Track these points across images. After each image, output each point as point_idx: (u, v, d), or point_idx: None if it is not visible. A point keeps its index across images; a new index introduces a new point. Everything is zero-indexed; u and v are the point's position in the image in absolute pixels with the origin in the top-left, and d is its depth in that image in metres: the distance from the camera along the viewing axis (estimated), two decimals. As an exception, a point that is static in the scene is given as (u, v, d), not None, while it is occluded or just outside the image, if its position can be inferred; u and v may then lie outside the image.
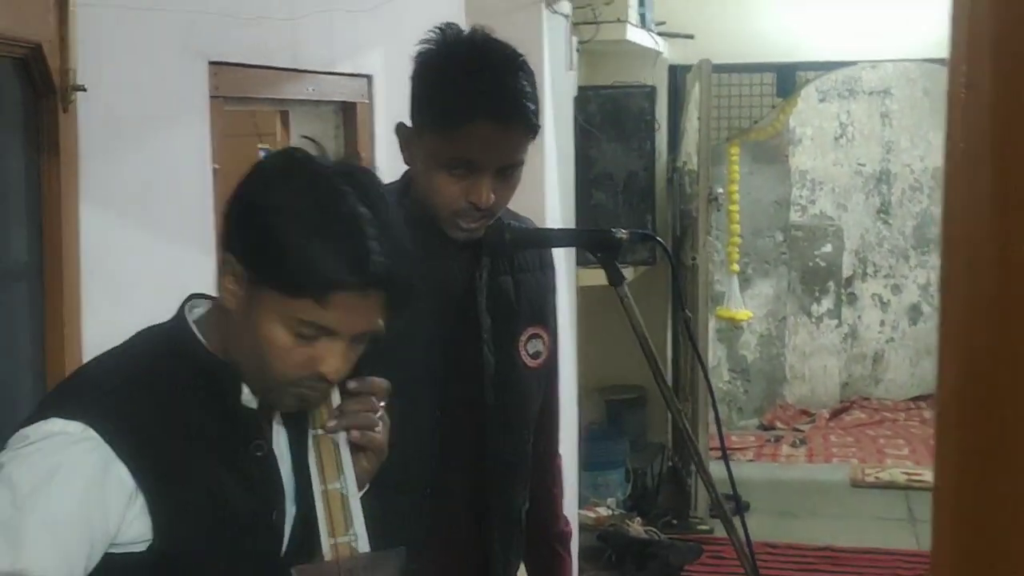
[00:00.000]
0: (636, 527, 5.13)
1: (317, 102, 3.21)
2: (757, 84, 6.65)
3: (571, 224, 4.70)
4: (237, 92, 2.71)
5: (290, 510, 1.55)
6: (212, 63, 2.55)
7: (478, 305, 2.00)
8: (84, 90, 1.94)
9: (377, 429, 1.55)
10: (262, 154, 4.23)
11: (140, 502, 1.38)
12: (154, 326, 1.50)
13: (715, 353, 8.01)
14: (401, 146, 1.97)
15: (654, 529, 5.21)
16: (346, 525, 1.52)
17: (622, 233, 1.93)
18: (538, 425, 2.13)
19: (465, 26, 4.17)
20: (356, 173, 1.46)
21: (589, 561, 4.92)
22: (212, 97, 2.55)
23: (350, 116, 3.29)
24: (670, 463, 6.10)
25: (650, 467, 6.01)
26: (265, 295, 1.40)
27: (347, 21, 3.23)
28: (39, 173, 1.89)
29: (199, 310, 1.51)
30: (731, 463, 2.12)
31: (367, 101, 3.38)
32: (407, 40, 2.04)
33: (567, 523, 2.34)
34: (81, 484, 1.35)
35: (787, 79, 6.76)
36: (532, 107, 1.93)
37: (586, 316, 5.26)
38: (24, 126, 1.89)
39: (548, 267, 2.15)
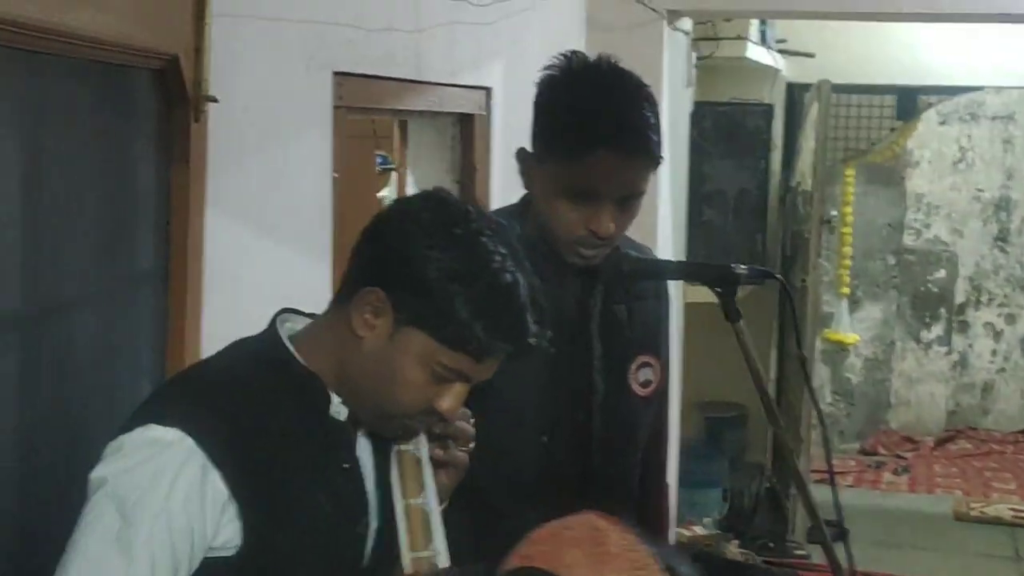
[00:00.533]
0: (732, 548, 5.08)
1: (436, 113, 3.23)
2: (877, 106, 6.54)
3: (681, 241, 4.68)
4: (360, 103, 2.75)
5: (372, 523, 1.57)
6: (337, 74, 2.59)
7: (590, 331, 2.01)
8: (216, 101, 1.97)
9: (466, 447, 1.61)
10: (379, 159, 4.29)
11: (232, 508, 1.41)
12: (247, 338, 1.54)
13: (819, 375, 7.88)
14: (521, 171, 1.98)
15: (750, 552, 5.14)
16: (426, 540, 1.55)
17: (741, 269, 1.92)
18: (645, 455, 2.12)
19: (585, 42, 4.19)
20: (502, 232, 1.51)
21: (683, 581, 4.87)
22: (336, 107, 2.59)
23: (467, 128, 3.32)
24: (768, 484, 6.02)
25: (748, 487, 5.94)
26: (414, 336, 1.45)
27: (469, 34, 3.25)
28: (169, 181, 1.93)
29: (290, 324, 1.55)
30: (828, 488, 2.10)
31: (485, 113, 3.40)
32: (527, 54, 2.07)
33: None
34: (183, 491, 1.38)
35: (908, 102, 6.64)
36: (656, 139, 1.93)
37: (690, 332, 5.23)
38: (157, 135, 1.92)
39: (663, 296, 2.15)
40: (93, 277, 1.85)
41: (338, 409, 1.51)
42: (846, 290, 6.63)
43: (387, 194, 4.06)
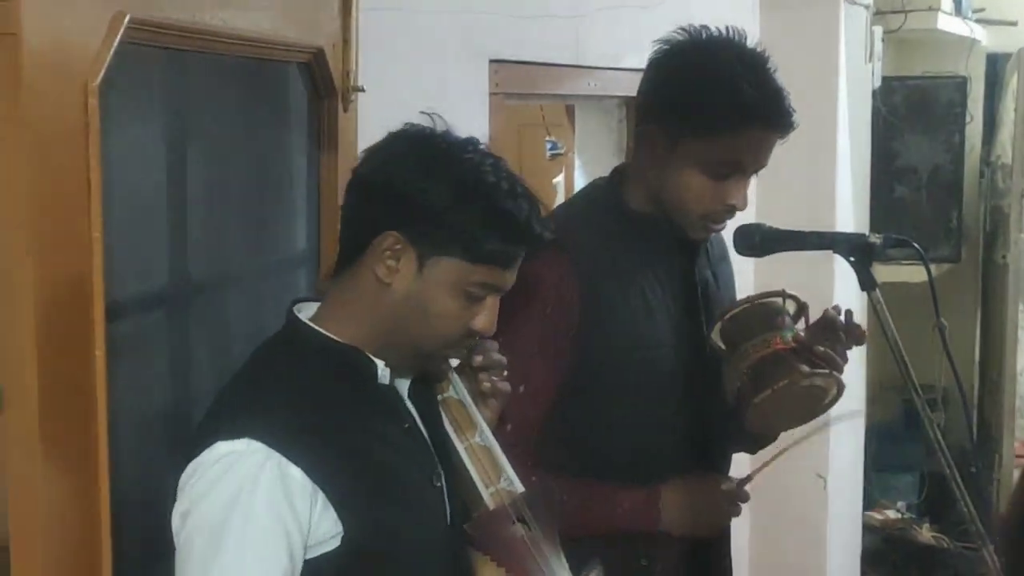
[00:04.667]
0: (925, 533, 4.93)
1: (601, 97, 3.26)
2: (1088, 73, 6.21)
3: (864, 218, 4.56)
4: (518, 89, 2.79)
5: (443, 475, 1.58)
6: (493, 61, 2.64)
7: (698, 298, 2.05)
8: (363, 91, 2.04)
9: (503, 374, 1.65)
10: (548, 145, 4.34)
11: (321, 498, 1.40)
12: (270, 339, 1.55)
13: (1032, 356, 7.53)
14: (642, 146, 1.99)
15: (944, 537, 4.98)
16: (496, 473, 1.59)
17: (875, 238, 1.90)
18: None
19: (759, 20, 4.14)
20: (473, 141, 1.55)
21: (872, 565, 4.77)
22: (492, 94, 2.64)
23: (632, 110, 3.33)
24: (973, 469, 5.80)
25: (949, 470, 5.73)
26: (443, 264, 1.47)
27: (633, 16, 3.25)
28: (319, 168, 2.02)
29: (307, 311, 1.55)
30: None
31: (650, 95, 3.40)
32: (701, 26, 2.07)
33: None
34: (266, 497, 1.37)
35: (1121, 67, 6.27)
36: (794, 111, 1.92)
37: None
38: (308, 124, 2.01)
39: (728, 258, 2.19)
40: (249, 259, 1.96)
41: (384, 373, 1.52)
42: (1053, 266, 6.31)
43: (560, 180, 4.11)
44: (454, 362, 1.64)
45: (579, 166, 3.57)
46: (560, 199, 3.95)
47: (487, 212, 1.46)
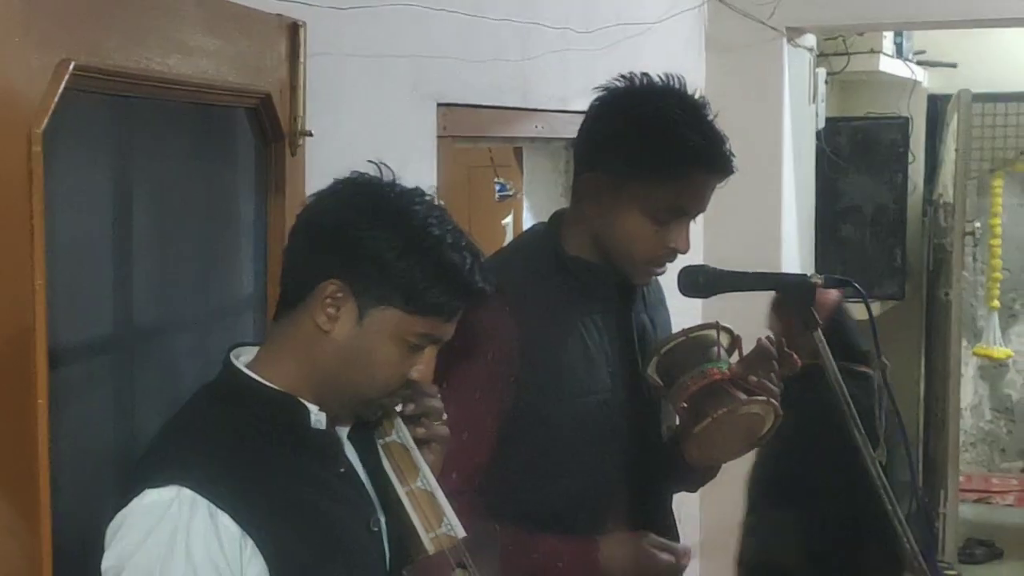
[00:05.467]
0: (874, 568, 4.94)
1: (548, 139, 3.28)
2: (1024, 114, 6.35)
3: (809, 257, 4.62)
4: (466, 131, 2.81)
5: (381, 520, 1.58)
6: (441, 104, 2.65)
7: (634, 340, 2.06)
8: (311, 135, 2.04)
9: (442, 419, 1.64)
10: (497, 187, 4.36)
11: (250, 544, 1.39)
12: (206, 385, 1.55)
13: (976, 391, 7.61)
14: (586, 195, 1.98)
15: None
16: (438, 518, 1.58)
17: (817, 278, 1.92)
18: None
19: (705, 63, 4.19)
20: (419, 193, 1.56)
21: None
22: (440, 137, 2.66)
23: (578, 153, 3.35)
24: (916, 505, 5.84)
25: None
26: (385, 314, 1.47)
27: (581, 60, 3.28)
28: (267, 212, 2.01)
29: (245, 357, 1.55)
30: (989, 507, 2.07)
31: (598, 138, 3.42)
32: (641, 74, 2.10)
33: None
34: (201, 543, 1.36)
35: (1057, 108, 6.41)
36: (734, 155, 1.95)
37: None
38: (256, 169, 2.00)
39: (665, 303, 2.21)
40: (196, 303, 1.94)
41: (318, 418, 1.51)
42: (996, 303, 6.42)
43: (510, 221, 4.12)
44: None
45: (528, 207, 3.58)
46: (509, 239, 3.96)
47: (432, 265, 1.47)
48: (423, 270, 1.46)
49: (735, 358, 1.99)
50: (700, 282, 1.98)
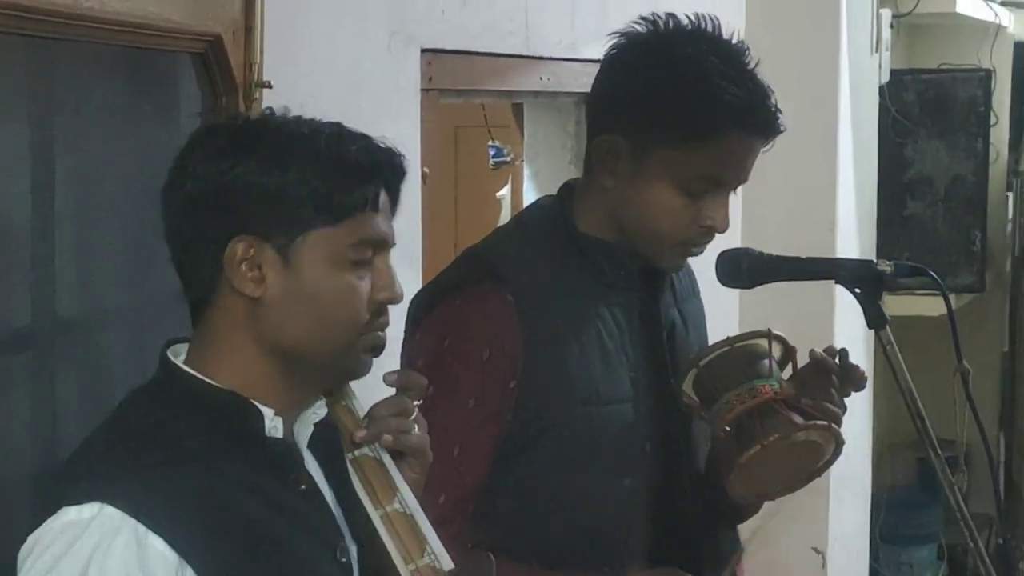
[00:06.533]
0: (945, 618, 4.99)
1: (555, 93, 3.28)
2: None
3: (870, 240, 4.63)
4: (456, 84, 2.82)
5: (351, 548, 1.58)
6: (425, 50, 2.66)
7: (663, 340, 2.08)
8: (269, 86, 2.05)
9: (414, 431, 1.62)
10: (492, 151, 4.37)
11: (189, 574, 1.39)
12: (139, 387, 1.56)
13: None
14: (599, 159, 2.00)
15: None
16: (420, 546, 1.57)
17: (885, 265, 1.94)
18: None
19: (746, 6, 4.19)
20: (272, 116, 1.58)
21: (883, 656, 4.82)
22: (424, 90, 2.66)
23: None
24: (1000, 540, 5.88)
25: (973, 543, 5.81)
26: (310, 242, 1.50)
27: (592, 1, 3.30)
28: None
29: (184, 355, 1.56)
30: None
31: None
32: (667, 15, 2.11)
33: None
34: (120, 571, 1.36)
35: None
36: (781, 112, 1.96)
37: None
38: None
39: (699, 294, 2.23)
40: (130, 290, 1.95)
41: (274, 424, 1.51)
42: (1096, 298, 6.43)
43: (506, 193, 4.12)
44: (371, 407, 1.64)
45: (529, 177, 3.59)
46: (506, 216, 3.96)
47: (320, 165, 1.50)
48: (314, 176, 1.49)
49: (788, 373, 2.01)
50: (744, 270, 1.99)
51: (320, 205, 1.49)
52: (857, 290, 1.94)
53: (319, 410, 1.60)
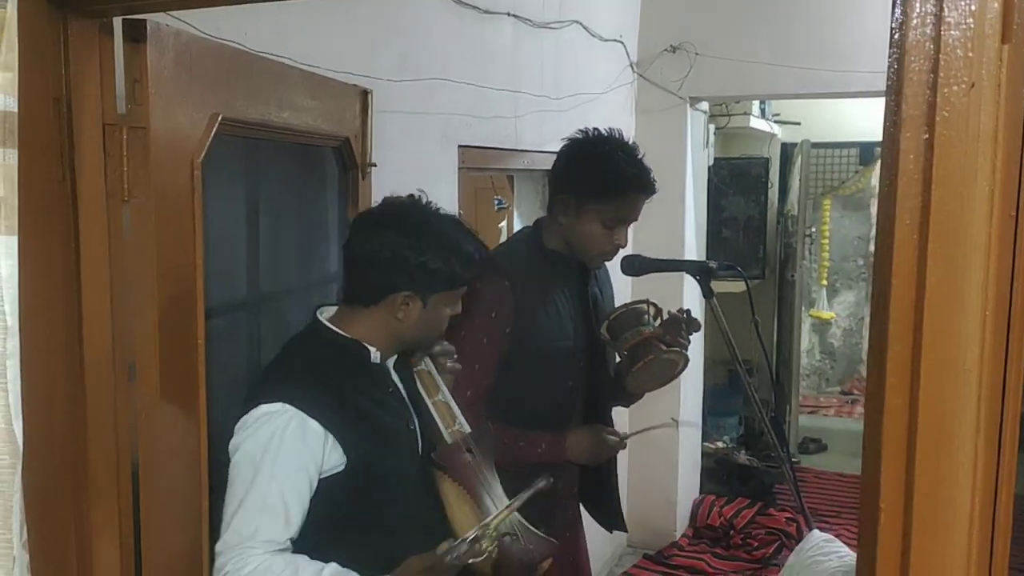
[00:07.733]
0: (742, 457, 4.99)
1: (531, 170, 3.27)
2: (846, 156, 6.38)
3: (702, 251, 4.62)
4: (476, 165, 2.79)
5: (415, 421, 1.58)
6: (461, 146, 2.64)
7: (590, 307, 2.04)
8: (375, 166, 2.04)
9: (453, 358, 1.65)
10: (496, 202, 4.34)
11: (331, 440, 1.40)
12: (298, 332, 1.54)
13: (810, 339, 7.65)
14: (557, 209, 1.97)
15: (755, 459, 5.05)
16: (453, 419, 1.58)
17: (713, 263, 1.93)
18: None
19: (635, 121, 4.14)
20: (426, 205, 1.54)
21: (708, 479, 4.82)
22: (460, 169, 2.64)
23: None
24: (772, 414, 5.88)
25: (760, 415, 5.80)
26: (436, 297, 1.50)
27: (552, 117, 3.27)
28: (346, 218, 2.00)
29: (327, 313, 1.54)
30: (817, 417, 2.07)
31: (564, 169, 3.41)
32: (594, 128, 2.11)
33: None
34: (291, 441, 1.37)
35: (868, 152, 6.43)
36: (656, 180, 1.94)
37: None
38: (339, 190, 2.00)
39: (610, 280, 2.18)
40: (300, 278, 1.95)
41: (375, 356, 1.51)
42: (824, 282, 6.44)
43: (503, 225, 4.10)
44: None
45: (516, 216, 3.57)
46: (503, 238, 3.95)
47: (459, 258, 1.49)
48: (455, 263, 1.48)
49: (658, 323, 2.00)
50: (636, 266, 1.99)
51: (451, 280, 1.49)
52: (697, 277, 1.94)
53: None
